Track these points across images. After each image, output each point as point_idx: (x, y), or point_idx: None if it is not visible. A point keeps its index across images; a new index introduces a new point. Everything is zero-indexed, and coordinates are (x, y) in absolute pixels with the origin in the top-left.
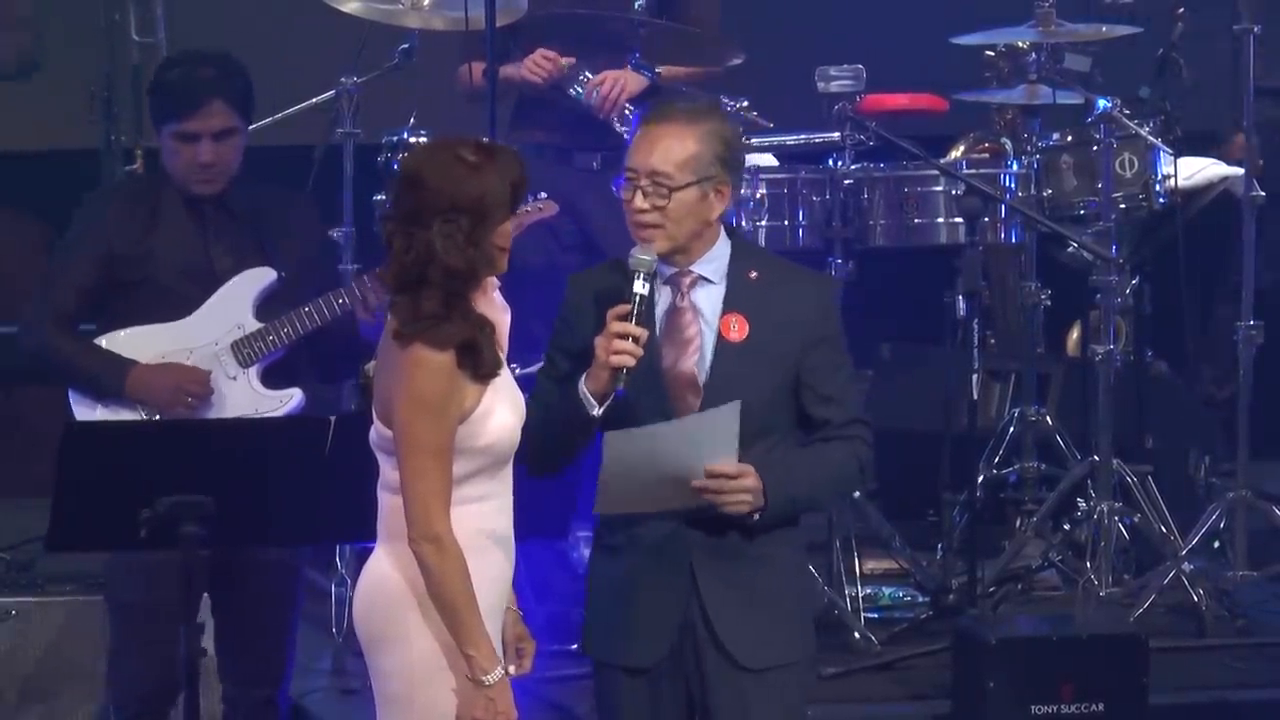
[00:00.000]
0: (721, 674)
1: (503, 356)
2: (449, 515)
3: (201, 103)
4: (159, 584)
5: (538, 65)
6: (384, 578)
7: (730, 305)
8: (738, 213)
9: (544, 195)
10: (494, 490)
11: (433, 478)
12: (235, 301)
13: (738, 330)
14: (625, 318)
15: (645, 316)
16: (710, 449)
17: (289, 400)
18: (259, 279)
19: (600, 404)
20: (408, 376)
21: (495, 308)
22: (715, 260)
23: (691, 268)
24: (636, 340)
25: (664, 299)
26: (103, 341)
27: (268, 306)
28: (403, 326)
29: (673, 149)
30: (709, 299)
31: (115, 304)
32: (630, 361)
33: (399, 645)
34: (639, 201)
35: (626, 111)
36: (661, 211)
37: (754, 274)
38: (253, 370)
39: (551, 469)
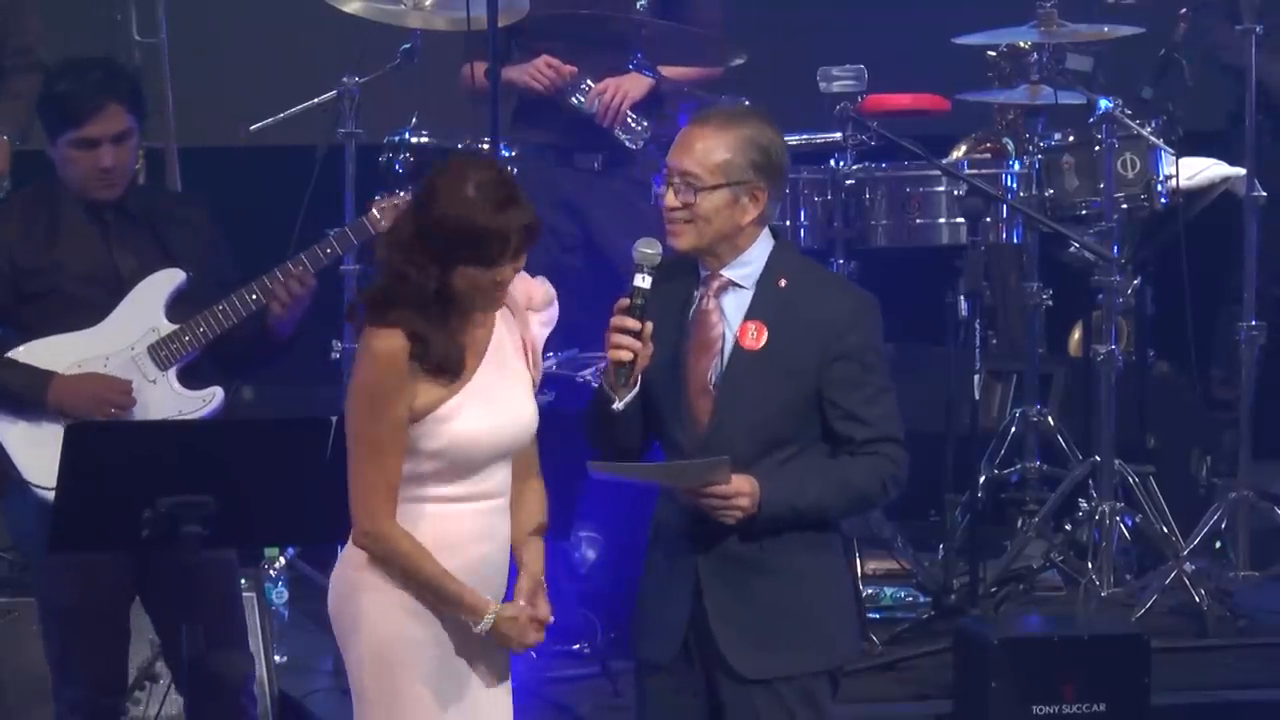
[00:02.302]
0: (725, 680)
1: (525, 366)
2: (391, 510)
3: (99, 106)
4: (94, 587)
5: (540, 73)
6: (338, 574)
7: (753, 312)
8: None
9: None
10: (469, 493)
11: (370, 471)
12: (146, 305)
13: (755, 338)
14: (626, 312)
15: (651, 310)
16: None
17: (211, 400)
18: (169, 281)
19: (619, 398)
20: (358, 362)
21: (527, 321)
22: (748, 265)
23: (722, 271)
24: (638, 335)
25: (696, 301)
26: (16, 355)
27: (177, 307)
28: (362, 305)
29: (707, 151)
30: (736, 304)
31: (23, 316)
32: (627, 356)
33: (351, 638)
34: (669, 198)
35: (629, 120)
36: (690, 209)
37: (783, 282)
38: (171, 372)
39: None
